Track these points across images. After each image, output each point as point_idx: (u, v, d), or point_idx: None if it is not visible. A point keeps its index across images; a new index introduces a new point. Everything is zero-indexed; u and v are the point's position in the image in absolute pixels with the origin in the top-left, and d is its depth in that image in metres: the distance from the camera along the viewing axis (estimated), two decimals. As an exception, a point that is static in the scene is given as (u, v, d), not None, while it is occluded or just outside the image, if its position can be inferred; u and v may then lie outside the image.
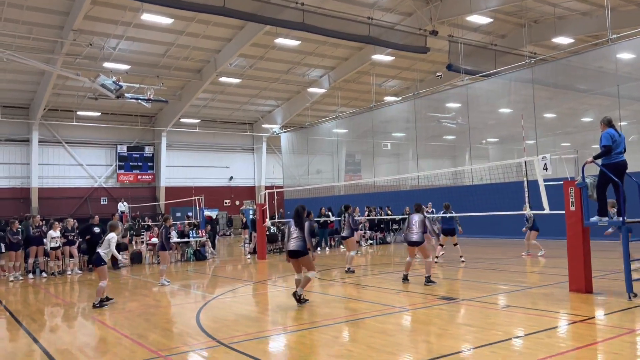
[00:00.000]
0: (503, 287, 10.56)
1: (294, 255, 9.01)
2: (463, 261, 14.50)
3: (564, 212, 9.54)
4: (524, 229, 15.82)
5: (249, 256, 19.59)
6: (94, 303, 9.69)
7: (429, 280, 10.79)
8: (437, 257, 14.71)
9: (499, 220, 20.38)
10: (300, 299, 8.96)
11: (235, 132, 40.13)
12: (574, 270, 9.40)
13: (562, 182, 9.61)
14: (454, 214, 14.82)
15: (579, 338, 6.54)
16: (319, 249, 20.86)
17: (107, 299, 9.87)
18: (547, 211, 10.07)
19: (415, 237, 10.83)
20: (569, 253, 9.46)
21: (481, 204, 18.96)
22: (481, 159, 31.71)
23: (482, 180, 23.45)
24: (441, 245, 15.02)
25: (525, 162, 10.96)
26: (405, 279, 11.18)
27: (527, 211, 11.43)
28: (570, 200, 9.37)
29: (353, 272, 13.14)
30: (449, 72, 27.37)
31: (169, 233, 13.27)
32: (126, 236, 19.71)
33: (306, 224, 9.09)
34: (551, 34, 26.87)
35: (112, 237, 9.93)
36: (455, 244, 15.02)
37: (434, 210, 17.58)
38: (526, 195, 10.80)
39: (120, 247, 17.19)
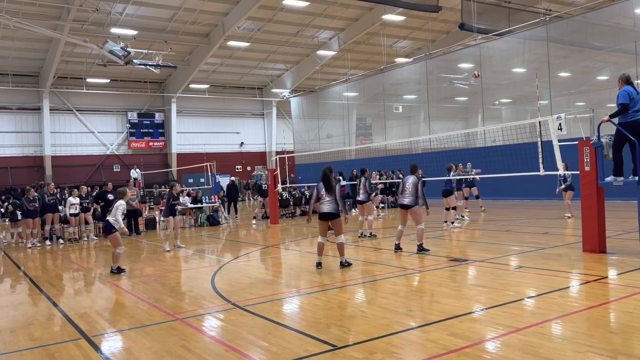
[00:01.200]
0: (515, 248, 10.57)
1: (326, 217, 9.00)
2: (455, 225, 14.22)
3: (578, 172, 9.43)
4: (558, 190, 15.00)
5: (254, 222, 19.79)
6: (111, 268, 9.81)
7: (421, 249, 10.17)
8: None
9: (512, 182, 20.28)
10: (346, 264, 9.04)
11: (244, 97, 39.92)
12: (587, 230, 9.35)
13: (577, 142, 9.46)
14: (451, 177, 14.38)
15: (591, 297, 6.55)
16: (353, 210, 20.83)
17: (119, 269, 9.74)
18: (561, 172, 9.96)
19: (406, 200, 10.26)
20: (583, 213, 9.40)
21: (494, 165, 18.83)
22: (494, 120, 31.32)
23: (495, 141, 23.21)
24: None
25: (539, 123, 10.78)
26: (398, 248, 10.44)
27: (564, 171, 10.91)
28: (585, 160, 9.24)
29: (375, 236, 13.00)
30: (461, 32, 26.75)
31: (174, 199, 13.04)
32: (144, 202, 19.97)
33: (337, 187, 9.10)
34: (567, -11, 26.06)
35: (120, 205, 9.77)
36: (450, 208, 14.29)
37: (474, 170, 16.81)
38: (540, 156, 10.66)
39: (136, 214, 17.44)
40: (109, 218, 9.71)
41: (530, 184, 19.43)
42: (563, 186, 14.72)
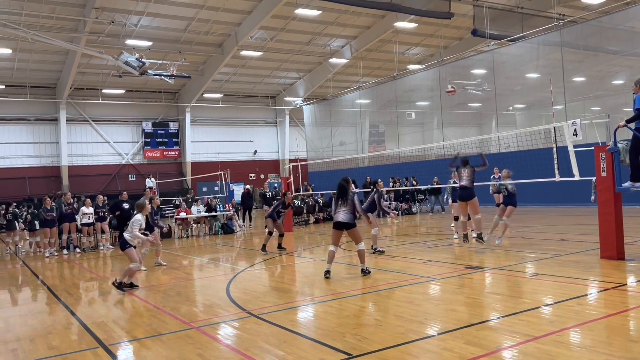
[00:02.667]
0: (531, 255, 10.46)
1: (340, 226, 9.03)
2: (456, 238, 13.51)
3: (595, 178, 9.33)
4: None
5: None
6: (115, 279, 9.23)
7: (479, 237, 11.02)
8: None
9: (527, 188, 20.07)
10: (367, 271, 9.03)
11: (257, 106, 40.15)
12: (605, 236, 9.24)
13: (592, 148, 9.37)
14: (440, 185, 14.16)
15: (610, 305, 6.46)
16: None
17: (132, 285, 9.06)
18: (577, 178, 9.87)
19: (466, 190, 11.08)
20: (600, 219, 9.29)
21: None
22: (508, 126, 31.14)
23: (509, 147, 23.06)
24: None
25: (554, 128, 10.70)
26: (466, 238, 11.45)
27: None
28: (602, 166, 9.15)
29: (382, 252, 11.81)
30: (474, 38, 26.69)
31: (155, 215, 12.28)
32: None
33: (355, 198, 9.14)
34: (581, -7, 25.88)
35: (136, 221, 9.10)
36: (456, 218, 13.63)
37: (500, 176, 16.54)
38: (555, 162, 10.57)
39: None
40: (125, 235, 9.13)
41: (545, 190, 19.24)
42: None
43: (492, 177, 16.68)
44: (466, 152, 25.94)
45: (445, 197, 17.09)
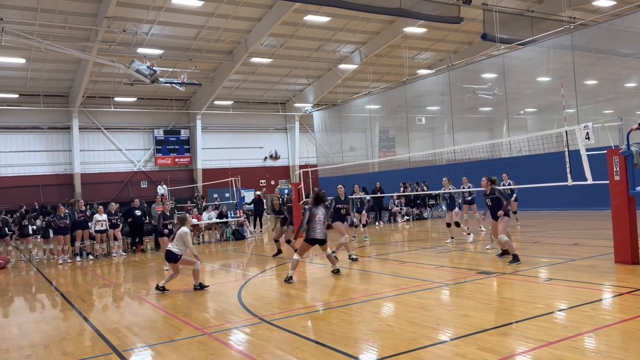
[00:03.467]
0: (544, 259, 10.38)
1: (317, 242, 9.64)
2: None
3: (608, 182, 9.25)
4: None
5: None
6: (194, 285, 9.36)
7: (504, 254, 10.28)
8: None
9: (538, 193, 19.94)
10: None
11: (267, 113, 40.30)
12: (619, 241, 9.15)
13: (605, 151, 9.29)
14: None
15: (625, 310, 6.38)
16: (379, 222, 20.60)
17: (201, 286, 9.34)
18: (590, 181, 9.79)
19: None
20: (614, 224, 9.20)
21: (520, 176, 18.56)
22: (519, 130, 30.96)
23: (520, 152, 22.91)
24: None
25: (566, 132, 10.62)
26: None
27: None
28: (615, 169, 9.07)
29: (356, 259, 11.71)
30: (483, 42, 26.61)
31: (164, 219, 12.75)
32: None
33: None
34: (592, -4, 25.75)
35: (186, 234, 9.08)
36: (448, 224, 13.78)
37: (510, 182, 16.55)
38: (567, 165, 10.49)
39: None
40: (172, 248, 9.17)
41: (557, 194, 19.08)
42: None
43: (501, 183, 16.55)
44: (477, 157, 25.89)
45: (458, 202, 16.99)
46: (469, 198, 15.84)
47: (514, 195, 16.26)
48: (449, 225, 13.70)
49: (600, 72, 25.65)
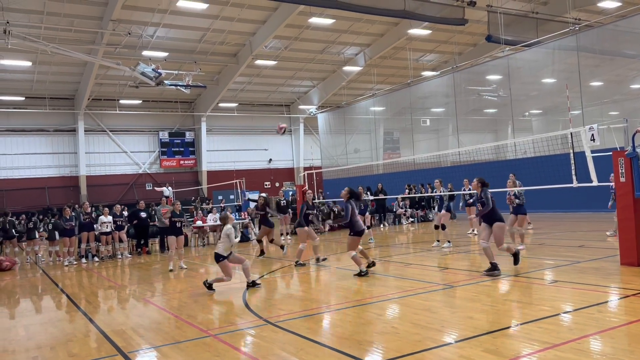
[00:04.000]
0: (549, 261, 10.34)
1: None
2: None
3: (612, 183, 9.22)
4: (610, 203, 13.57)
5: (283, 238, 19.65)
6: (247, 283, 9.40)
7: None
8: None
9: (543, 194, 19.88)
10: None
11: (272, 115, 40.37)
12: (625, 243, 9.11)
13: (611, 153, 9.27)
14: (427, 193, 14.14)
15: (631, 312, 6.36)
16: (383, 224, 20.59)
17: (254, 283, 9.42)
18: (595, 183, 9.76)
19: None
20: (620, 226, 9.17)
21: (525, 178, 18.52)
22: (524, 131, 30.88)
23: (525, 153, 22.86)
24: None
25: (571, 134, 10.61)
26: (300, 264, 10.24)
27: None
28: (620, 171, 9.04)
29: (303, 265, 11.94)
30: (488, 44, 26.58)
31: (175, 217, 13.14)
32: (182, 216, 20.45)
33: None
34: (597, -2, 25.68)
35: (230, 231, 9.27)
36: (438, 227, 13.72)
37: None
38: (573, 167, 10.47)
39: (167, 231, 17.71)
40: (220, 247, 9.27)
41: (563, 196, 19.02)
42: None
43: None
44: (482, 158, 25.84)
45: (460, 204, 17.03)
46: (470, 200, 15.79)
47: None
48: (436, 227, 13.77)
49: (606, 73, 25.56)
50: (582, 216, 19.18)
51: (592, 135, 9.65)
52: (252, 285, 9.38)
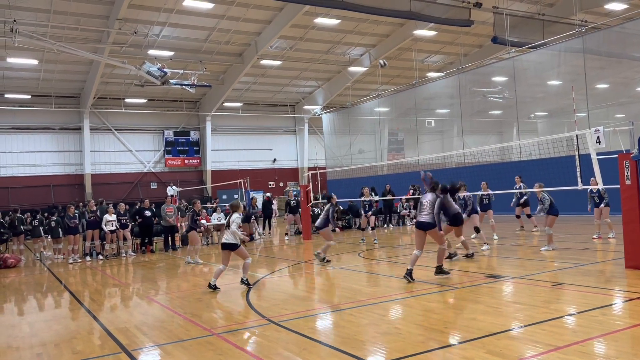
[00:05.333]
0: (554, 264, 10.31)
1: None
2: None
3: (618, 186, 9.19)
4: (590, 207, 13.93)
5: (286, 238, 19.82)
6: (242, 279, 9.60)
7: (440, 271, 9.46)
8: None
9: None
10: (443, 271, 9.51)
11: (277, 115, 40.41)
12: (630, 246, 9.07)
13: (616, 156, 9.23)
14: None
15: (635, 315, 6.34)
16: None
17: (247, 282, 9.58)
18: (601, 186, 9.73)
19: (425, 218, 9.26)
20: (625, 229, 9.13)
21: (530, 180, 18.46)
22: (529, 133, 30.78)
23: (530, 155, 22.79)
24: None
25: (576, 136, 10.57)
26: (409, 275, 9.11)
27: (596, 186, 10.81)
28: (626, 174, 9.01)
29: (329, 261, 12.08)
30: (494, 45, 26.51)
31: (197, 215, 14.01)
32: (183, 216, 20.60)
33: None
34: (603, 0, 25.56)
35: (236, 218, 9.51)
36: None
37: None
38: (578, 170, 10.43)
39: (172, 230, 17.83)
40: (227, 239, 9.44)
41: (567, 198, 18.94)
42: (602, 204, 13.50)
43: (515, 187, 16.55)
44: (486, 160, 25.75)
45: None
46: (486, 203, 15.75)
47: (524, 198, 16.21)
48: (477, 230, 13.41)
49: (612, 75, 25.45)
50: (586, 218, 19.09)
51: (598, 137, 9.61)
52: (246, 283, 9.50)
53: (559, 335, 5.57)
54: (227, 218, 9.79)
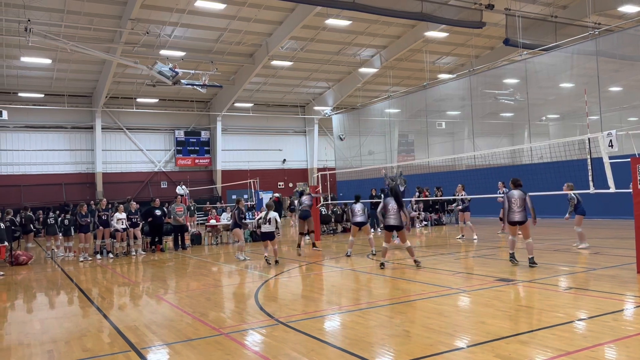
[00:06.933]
0: (564, 268, 10.23)
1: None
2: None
3: (631, 190, 9.09)
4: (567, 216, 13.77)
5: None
6: (273, 260, 12.35)
7: (532, 262, 10.24)
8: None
9: (559, 200, 19.66)
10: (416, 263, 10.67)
11: (287, 115, 40.49)
12: (642, 251, 8.96)
13: (629, 159, 9.14)
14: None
15: (647, 322, 6.27)
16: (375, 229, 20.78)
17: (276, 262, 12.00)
18: (613, 190, 9.64)
19: (517, 216, 10.26)
20: (637, 233, 9.03)
21: (541, 183, 18.33)
22: (541, 136, 30.60)
23: (542, 158, 22.62)
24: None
25: (589, 139, 10.47)
26: (513, 257, 10.58)
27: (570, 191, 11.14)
28: (639, 178, 8.91)
29: (374, 254, 13.34)
30: (506, 47, 26.37)
31: (242, 213, 14.26)
32: (192, 215, 20.86)
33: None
34: (617, 2, 25.32)
35: (276, 216, 12.22)
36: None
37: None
38: (590, 173, 10.34)
39: (182, 229, 17.92)
40: (267, 230, 12.21)
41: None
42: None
43: (497, 192, 16.51)
44: (497, 162, 25.59)
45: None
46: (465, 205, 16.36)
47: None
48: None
49: (625, 78, 25.23)
50: (598, 223, 18.92)
51: (610, 141, 9.52)
52: (277, 262, 12.03)
53: (569, 340, 5.52)
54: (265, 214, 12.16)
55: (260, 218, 12.45)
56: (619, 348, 5.23)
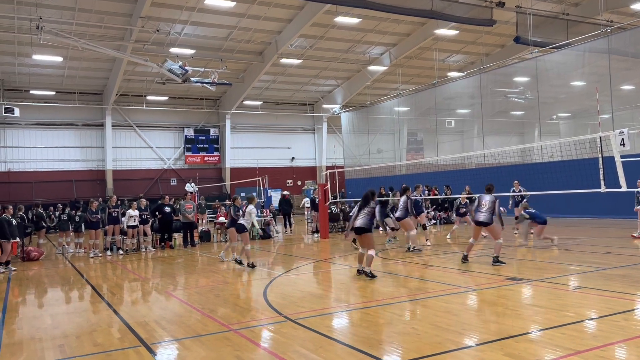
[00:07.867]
0: (575, 267, 10.17)
1: (357, 231, 9.91)
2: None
3: (635, 189, 9.01)
4: (636, 207, 13.95)
5: (316, 236, 19.59)
6: (248, 263, 11.68)
7: (496, 261, 10.52)
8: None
9: (569, 199, 19.55)
10: (368, 274, 9.56)
11: (296, 113, 40.51)
12: (653, 251, 8.89)
13: (640, 158, 9.06)
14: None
15: (658, 322, 6.22)
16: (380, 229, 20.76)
17: (251, 264, 11.60)
18: (624, 189, 9.56)
19: (482, 217, 10.59)
20: (649, 233, 8.95)
21: (551, 182, 18.23)
22: (551, 135, 30.37)
23: (552, 157, 22.47)
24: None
25: (600, 138, 10.38)
26: (465, 259, 11.00)
27: None
28: (651, 177, 8.83)
29: (420, 250, 13.43)
30: (516, 45, 26.19)
31: (238, 211, 13.28)
32: (203, 212, 21.01)
33: (377, 207, 10.10)
34: (629, 0, 25.07)
35: (252, 210, 11.58)
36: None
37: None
38: (601, 172, 10.25)
39: (191, 226, 18.01)
40: (241, 221, 11.70)
41: (589, 201, 18.67)
42: None
43: (512, 190, 16.40)
44: (507, 161, 25.44)
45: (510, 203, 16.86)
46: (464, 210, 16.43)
47: (525, 200, 15.98)
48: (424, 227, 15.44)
49: (638, 76, 24.95)
50: (609, 222, 18.78)
51: (622, 139, 9.44)
52: (251, 265, 11.50)
53: (579, 339, 5.49)
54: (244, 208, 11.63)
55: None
56: (630, 348, 5.19)
